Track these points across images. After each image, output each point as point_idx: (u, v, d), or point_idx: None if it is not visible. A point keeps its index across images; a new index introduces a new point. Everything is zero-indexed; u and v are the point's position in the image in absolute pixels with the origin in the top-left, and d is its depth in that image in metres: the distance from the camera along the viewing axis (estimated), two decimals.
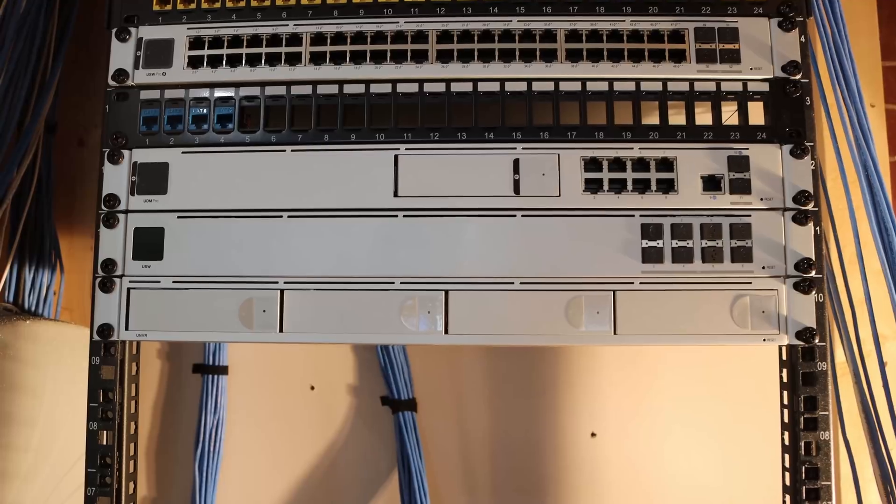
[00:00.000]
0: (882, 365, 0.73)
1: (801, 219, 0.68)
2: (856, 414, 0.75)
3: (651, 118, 0.70)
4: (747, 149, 0.69)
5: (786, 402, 0.69)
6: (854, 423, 0.76)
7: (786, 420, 0.69)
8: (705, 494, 1.01)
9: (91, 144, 1.10)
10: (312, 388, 1.06)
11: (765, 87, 0.70)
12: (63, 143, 1.07)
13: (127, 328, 0.71)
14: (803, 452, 0.67)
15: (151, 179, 0.72)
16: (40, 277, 1.01)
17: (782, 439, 0.70)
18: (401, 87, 0.72)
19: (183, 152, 0.72)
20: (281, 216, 0.71)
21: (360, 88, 0.72)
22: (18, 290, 0.99)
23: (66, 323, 0.99)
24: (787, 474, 0.69)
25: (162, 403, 1.07)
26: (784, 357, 0.70)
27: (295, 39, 0.73)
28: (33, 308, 1.00)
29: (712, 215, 0.69)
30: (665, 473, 1.02)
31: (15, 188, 0.90)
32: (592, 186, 0.70)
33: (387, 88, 0.72)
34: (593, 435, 1.02)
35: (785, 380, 0.70)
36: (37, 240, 1.01)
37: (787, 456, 0.69)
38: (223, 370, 1.05)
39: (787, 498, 0.69)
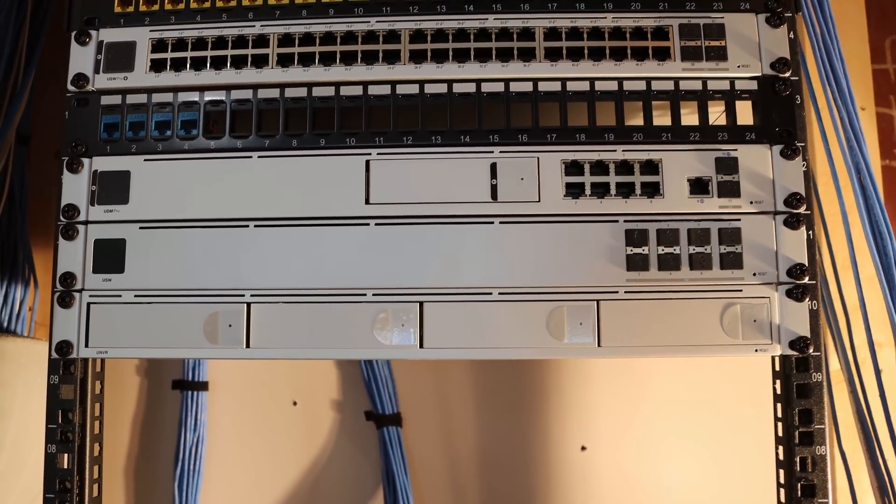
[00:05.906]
0: (878, 373, 0.71)
1: (792, 222, 0.66)
2: (852, 425, 0.73)
3: (635, 119, 0.68)
4: (736, 150, 0.67)
5: (780, 414, 0.67)
6: (850, 434, 0.73)
7: (780, 434, 0.67)
8: None
9: None
10: (295, 403, 1.04)
11: (753, 85, 0.69)
12: (39, 155, 1.04)
13: (87, 345, 0.68)
14: (798, 469, 0.64)
15: (112, 189, 0.69)
16: (13, 292, 0.97)
17: (776, 454, 0.67)
18: (372, 90, 0.69)
19: (145, 160, 0.70)
20: (247, 226, 0.68)
21: (330, 91, 0.70)
22: None
23: (37, 340, 0.97)
24: (783, 491, 0.66)
25: (140, 421, 1.05)
26: (777, 368, 0.67)
27: (262, 41, 0.70)
28: (5, 324, 0.97)
29: (700, 220, 0.67)
30: (659, 487, 0.99)
31: None
32: (574, 191, 0.68)
33: (358, 91, 0.69)
34: (583, 448, 1.00)
35: (779, 391, 0.67)
36: (9, 253, 0.97)
37: (781, 472, 0.66)
38: (203, 386, 1.03)
39: None
